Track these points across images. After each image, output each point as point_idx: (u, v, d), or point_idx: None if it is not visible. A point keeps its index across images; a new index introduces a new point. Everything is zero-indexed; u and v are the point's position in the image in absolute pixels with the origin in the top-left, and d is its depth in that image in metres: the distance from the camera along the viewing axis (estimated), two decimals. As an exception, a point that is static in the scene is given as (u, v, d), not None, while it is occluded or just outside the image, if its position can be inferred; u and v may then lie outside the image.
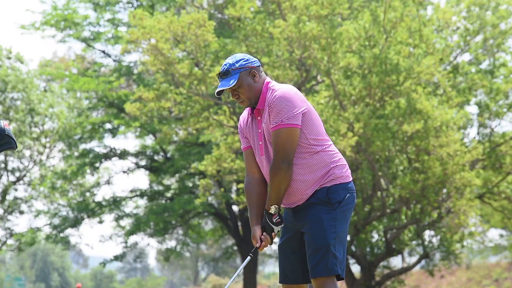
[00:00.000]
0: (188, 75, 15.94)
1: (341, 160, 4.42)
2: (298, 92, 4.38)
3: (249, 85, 4.39)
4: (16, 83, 24.85)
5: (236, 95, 4.41)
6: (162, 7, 23.62)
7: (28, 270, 72.77)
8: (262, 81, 4.42)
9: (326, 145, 4.38)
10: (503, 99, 17.83)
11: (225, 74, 4.39)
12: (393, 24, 14.89)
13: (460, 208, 15.08)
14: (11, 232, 27.01)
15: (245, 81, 4.38)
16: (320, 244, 4.26)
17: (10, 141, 4.16)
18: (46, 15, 24.19)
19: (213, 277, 43.24)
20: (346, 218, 4.36)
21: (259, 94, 4.40)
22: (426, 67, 14.62)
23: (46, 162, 26.83)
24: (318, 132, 4.36)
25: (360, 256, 17.46)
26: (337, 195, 4.34)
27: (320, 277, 4.26)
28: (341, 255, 4.31)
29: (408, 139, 15.02)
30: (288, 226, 4.49)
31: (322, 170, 4.35)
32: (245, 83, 4.38)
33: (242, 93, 4.39)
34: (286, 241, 4.49)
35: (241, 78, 4.37)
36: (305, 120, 4.32)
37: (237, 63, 4.40)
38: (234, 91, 4.40)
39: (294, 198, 4.38)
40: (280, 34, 14.70)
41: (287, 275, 4.50)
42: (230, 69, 4.39)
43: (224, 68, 4.40)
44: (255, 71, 4.40)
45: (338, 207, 4.34)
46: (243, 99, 4.40)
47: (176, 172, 24.19)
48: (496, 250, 33.57)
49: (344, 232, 4.35)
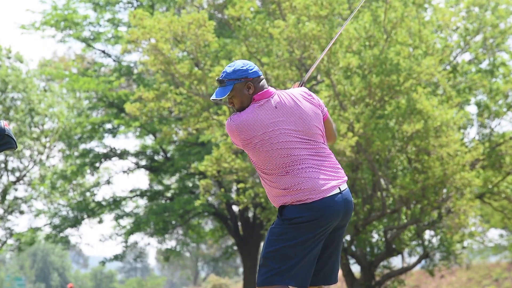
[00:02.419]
0: (188, 75, 15.94)
1: (295, 191, 4.39)
2: (248, 120, 4.34)
3: (242, 97, 4.39)
4: (17, 83, 24.85)
5: (231, 103, 4.44)
6: (162, 7, 23.63)
7: (28, 270, 72.78)
8: (258, 92, 4.42)
9: (276, 177, 4.39)
10: (503, 99, 17.83)
11: (221, 83, 4.41)
12: (394, 25, 14.89)
13: (460, 208, 15.08)
14: (11, 232, 27.01)
15: (239, 92, 4.38)
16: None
17: (10, 141, 4.16)
18: (46, 15, 24.20)
19: (213, 277, 43.22)
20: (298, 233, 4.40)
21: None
22: (426, 68, 14.63)
23: (46, 162, 26.83)
24: (264, 164, 4.38)
25: (360, 256, 17.47)
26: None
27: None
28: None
29: (408, 139, 15.02)
30: None
31: (278, 196, 4.44)
32: (238, 95, 4.39)
33: (235, 103, 4.42)
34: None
35: (235, 90, 4.37)
36: (247, 150, 4.40)
37: (234, 73, 4.39)
38: (229, 99, 4.44)
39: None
40: (280, 34, 14.71)
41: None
42: (226, 79, 4.39)
43: (221, 77, 4.41)
44: (251, 83, 4.38)
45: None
46: (237, 108, 4.44)
47: (176, 172, 24.20)
48: (496, 250, 33.57)
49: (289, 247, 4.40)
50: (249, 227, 24.48)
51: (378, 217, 16.36)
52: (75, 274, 78.36)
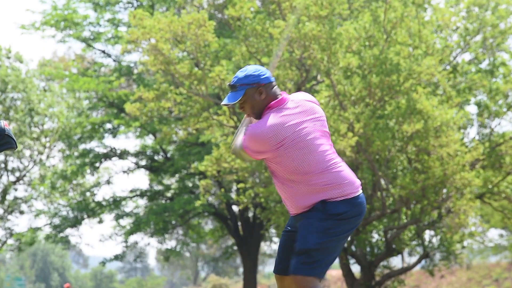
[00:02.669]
0: (188, 75, 15.94)
1: (337, 186, 4.45)
2: (275, 124, 4.35)
3: (253, 102, 4.41)
4: (16, 83, 24.85)
5: (242, 108, 4.45)
6: (162, 7, 23.63)
7: (28, 270, 72.78)
8: (270, 98, 4.42)
9: (314, 174, 4.41)
10: (503, 99, 17.83)
11: (232, 88, 4.42)
12: (393, 25, 14.89)
13: (460, 208, 15.08)
14: (11, 232, 27.01)
15: (250, 98, 4.40)
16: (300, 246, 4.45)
17: (10, 141, 4.16)
18: (46, 15, 24.20)
19: (213, 277, 43.24)
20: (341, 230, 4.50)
21: (262, 112, 4.43)
22: (426, 68, 14.63)
23: (46, 162, 26.83)
24: (300, 164, 4.38)
25: (360, 256, 17.46)
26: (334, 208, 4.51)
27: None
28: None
29: (408, 139, 15.02)
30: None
31: (315, 194, 4.44)
32: (249, 100, 4.41)
33: (246, 108, 4.44)
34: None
35: (246, 95, 4.39)
36: (279, 154, 4.38)
37: (245, 78, 4.39)
38: (240, 104, 4.44)
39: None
40: (280, 34, 14.71)
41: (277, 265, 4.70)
42: (238, 84, 4.40)
43: (233, 82, 4.42)
44: (262, 89, 4.39)
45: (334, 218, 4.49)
46: (248, 113, 4.46)
47: (176, 172, 24.20)
48: (496, 250, 33.58)
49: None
50: (249, 227, 24.48)
51: (378, 217, 16.36)
52: (75, 274, 78.37)
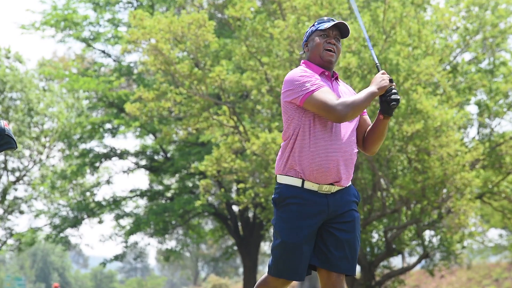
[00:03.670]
0: (188, 75, 15.94)
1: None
2: None
3: (340, 50, 4.46)
4: (14, 83, 24.85)
5: (334, 45, 4.41)
6: (162, 7, 23.63)
7: (28, 270, 72.77)
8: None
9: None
10: (503, 99, 17.83)
11: (344, 26, 4.41)
12: (393, 25, 14.89)
13: (460, 208, 15.08)
14: (11, 232, 27.01)
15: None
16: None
17: (10, 141, 4.15)
18: (46, 15, 24.20)
19: (213, 277, 43.23)
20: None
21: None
22: (425, 68, 14.62)
23: (46, 162, 26.83)
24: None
25: (360, 256, 17.46)
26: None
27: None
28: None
29: (408, 139, 15.02)
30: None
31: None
32: (340, 48, 4.45)
33: (338, 50, 4.42)
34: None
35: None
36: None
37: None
38: (337, 40, 4.42)
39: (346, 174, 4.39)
40: (280, 34, 14.71)
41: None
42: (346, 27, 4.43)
43: (343, 24, 4.42)
44: None
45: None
46: (335, 53, 4.40)
47: (176, 172, 24.20)
48: (496, 250, 33.57)
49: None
50: (249, 227, 24.48)
51: (378, 217, 16.36)
52: (75, 274, 78.37)
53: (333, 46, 4.38)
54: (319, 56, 4.39)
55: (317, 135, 4.26)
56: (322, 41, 4.37)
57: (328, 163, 4.23)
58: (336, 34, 4.40)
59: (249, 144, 15.21)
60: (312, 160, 4.24)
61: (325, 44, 4.37)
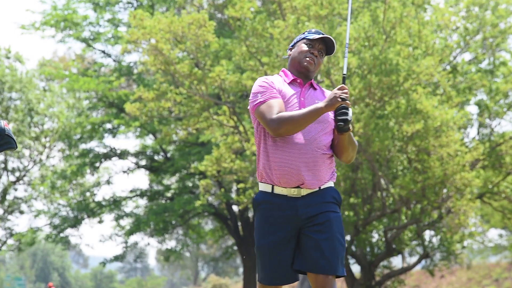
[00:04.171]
0: (188, 75, 15.94)
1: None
2: None
3: (320, 64, 4.54)
4: (13, 83, 24.85)
5: (316, 57, 4.49)
6: (162, 7, 23.63)
7: (28, 270, 72.77)
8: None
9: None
10: (503, 99, 17.83)
11: (332, 42, 4.51)
12: (393, 25, 14.89)
13: (460, 208, 15.08)
14: (11, 232, 27.01)
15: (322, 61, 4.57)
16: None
17: (10, 141, 4.15)
18: (46, 15, 24.19)
19: (213, 277, 43.24)
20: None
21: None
22: (425, 68, 14.62)
23: (46, 162, 26.84)
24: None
25: (360, 256, 17.46)
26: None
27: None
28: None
29: (408, 139, 15.02)
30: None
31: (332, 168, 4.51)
32: (321, 62, 4.54)
33: (318, 63, 4.50)
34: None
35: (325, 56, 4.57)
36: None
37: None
38: (320, 54, 4.51)
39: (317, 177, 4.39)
40: (280, 34, 14.71)
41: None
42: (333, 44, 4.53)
43: (331, 40, 4.52)
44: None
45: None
46: (315, 63, 4.48)
47: (176, 172, 24.20)
48: (496, 250, 33.57)
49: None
50: (249, 227, 24.48)
51: (378, 217, 16.36)
52: (75, 274, 78.38)
53: (314, 57, 4.48)
54: (298, 62, 4.50)
55: (277, 141, 4.33)
56: (306, 49, 4.49)
57: (288, 167, 4.29)
58: (321, 48, 4.51)
59: (249, 144, 15.21)
60: (275, 165, 4.32)
61: (307, 53, 4.48)
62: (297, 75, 4.50)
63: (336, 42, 4.52)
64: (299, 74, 4.50)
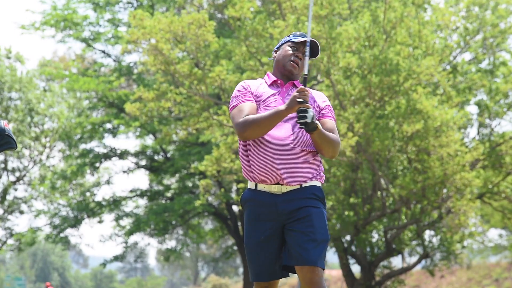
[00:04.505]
0: (188, 75, 15.94)
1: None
2: None
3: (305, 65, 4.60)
4: (12, 83, 24.84)
5: (300, 60, 4.55)
6: (162, 7, 23.63)
7: (28, 270, 72.76)
8: None
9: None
10: (503, 99, 17.83)
11: (316, 44, 4.57)
12: (393, 25, 14.89)
13: (460, 208, 15.08)
14: (11, 232, 27.01)
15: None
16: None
17: (10, 141, 4.15)
18: (46, 15, 24.19)
19: (213, 277, 43.25)
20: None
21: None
22: (425, 68, 14.62)
23: (46, 162, 26.84)
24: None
25: (360, 256, 17.46)
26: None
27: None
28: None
29: (408, 139, 15.02)
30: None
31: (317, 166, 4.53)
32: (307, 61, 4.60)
33: (301, 65, 4.56)
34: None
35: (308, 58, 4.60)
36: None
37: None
38: (302, 56, 4.55)
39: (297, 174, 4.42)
40: (280, 34, 14.71)
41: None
42: (317, 47, 4.58)
43: (315, 43, 4.58)
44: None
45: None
46: (298, 66, 4.55)
47: (176, 172, 24.20)
48: (496, 250, 33.58)
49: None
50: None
51: (378, 217, 16.36)
52: (75, 274, 78.35)
53: (298, 60, 4.55)
54: (283, 64, 4.58)
55: (256, 139, 4.41)
56: (290, 52, 4.56)
57: (265, 164, 4.37)
58: (305, 51, 4.54)
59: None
60: (254, 163, 4.41)
61: (291, 56, 4.55)
62: (281, 77, 4.58)
63: (320, 44, 4.54)
64: (282, 76, 4.59)
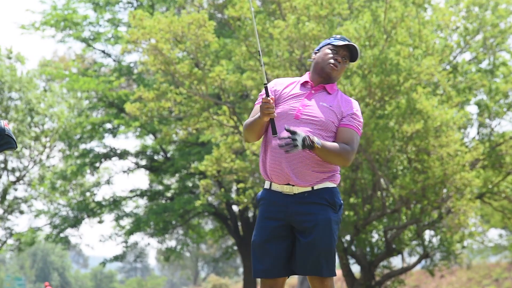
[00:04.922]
0: (188, 75, 15.94)
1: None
2: None
3: (344, 70, 4.65)
4: (13, 83, 24.84)
5: (340, 63, 4.58)
6: (162, 7, 23.63)
7: (28, 270, 72.77)
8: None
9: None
10: (503, 99, 17.83)
11: (356, 49, 4.60)
12: (394, 25, 14.88)
13: (460, 208, 15.08)
14: (11, 232, 27.02)
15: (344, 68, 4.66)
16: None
17: (10, 141, 4.15)
18: (46, 15, 24.20)
19: (213, 277, 43.24)
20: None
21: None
22: (426, 68, 14.62)
23: (46, 162, 26.84)
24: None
25: (360, 256, 17.46)
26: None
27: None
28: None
29: (408, 139, 15.02)
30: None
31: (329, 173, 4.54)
32: (344, 68, 4.64)
33: (341, 69, 4.59)
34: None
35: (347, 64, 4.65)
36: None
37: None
38: (344, 60, 4.59)
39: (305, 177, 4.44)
40: (280, 34, 14.71)
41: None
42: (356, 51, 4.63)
43: (354, 47, 4.61)
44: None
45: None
46: (338, 69, 4.57)
47: (176, 172, 24.21)
48: (496, 250, 33.58)
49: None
50: (249, 227, 24.48)
51: (378, 217, 16.36)
52: (75, 274, 78.37)
53: (337, 64, 4.57)
54: (321, 67, 4.59)
55: (268, 140, 4.50)
56: (330, 54, 4.57)
57: (275, 164, 4.43)
58: (345, 55, 4.60)
59: (249, 144, 15.21)
60: (267, 163, 4.49)
61: (331, 59, 4.57)
62: (317, 79, 4.59)
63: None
64: (319, 78, 4.59)
